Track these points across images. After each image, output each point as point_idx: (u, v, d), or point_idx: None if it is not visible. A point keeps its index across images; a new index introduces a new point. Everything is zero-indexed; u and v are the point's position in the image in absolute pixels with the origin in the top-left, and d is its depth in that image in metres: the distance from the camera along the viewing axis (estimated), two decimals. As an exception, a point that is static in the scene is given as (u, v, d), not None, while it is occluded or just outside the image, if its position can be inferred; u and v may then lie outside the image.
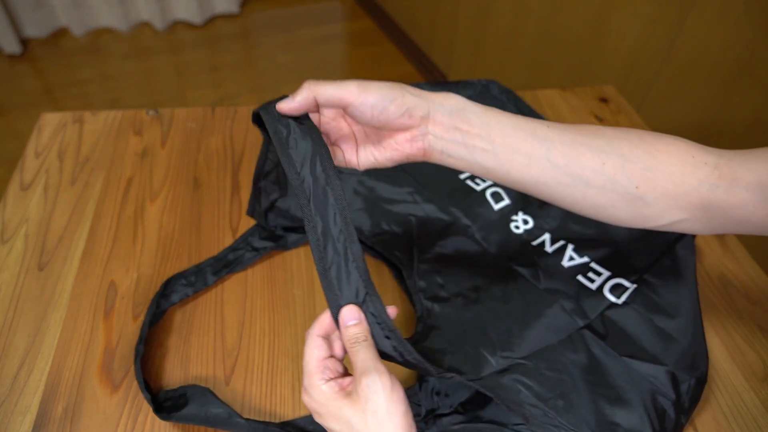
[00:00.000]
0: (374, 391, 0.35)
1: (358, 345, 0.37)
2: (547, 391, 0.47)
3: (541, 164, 0.40)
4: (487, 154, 0.40)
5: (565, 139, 0.40)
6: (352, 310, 0.38)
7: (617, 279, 0.56)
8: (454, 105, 0.40)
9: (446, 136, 0.40)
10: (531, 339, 0.51)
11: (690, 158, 0.39)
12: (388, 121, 0.39)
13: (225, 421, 0.46)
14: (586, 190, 0.40)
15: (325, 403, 0.37)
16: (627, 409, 0.47)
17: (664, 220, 0.41)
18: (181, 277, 0.59)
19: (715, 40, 1.02)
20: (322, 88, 0.39)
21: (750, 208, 0.37)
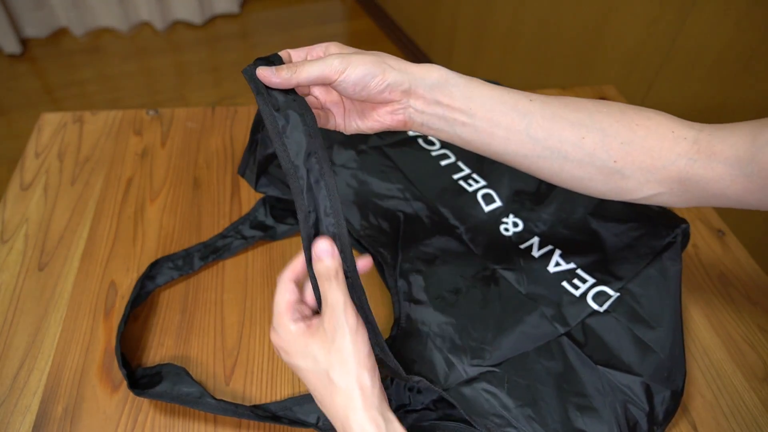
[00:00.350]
0: (342, 332, 0.36)
1: (328, 282, 0.37)
2: (516, 399, 0.48)
3: (521, 138, 0.40)
4: (467, 128, 0.40)
5: (546, 113, 0.40)
6: (325, 243, 0.37)
7: (601, 287, 0.56)
8: (436, 79, 0.40)
9: (427, 110, 0.40)
10: (505, 346, 0.52)
11: (669, 133, 0.39)
12: (370, 96, 0.40)
13: (196, 401, 0.47)
14: (564, 163, 0.41)
15: (292, 340, 0.38)
16: (597, 419, 0.47)
17: (642, 193, 0.41)
18: (168, 260, 0.59)
19: (715, 40, 1.02)
20: (305, 71, 0.39)
21: (726, 182, 0.37)
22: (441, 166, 0.69)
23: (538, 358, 0.51)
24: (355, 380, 0.36)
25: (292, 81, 0.39)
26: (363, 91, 0.39)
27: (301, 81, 0.39)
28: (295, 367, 0.39)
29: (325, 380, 0.37)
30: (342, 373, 0.36)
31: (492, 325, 0.53)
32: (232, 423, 0.49)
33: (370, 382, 0.36)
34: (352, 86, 0.39)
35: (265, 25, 2.49)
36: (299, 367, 0.38)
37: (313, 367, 0.37)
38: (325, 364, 0.37)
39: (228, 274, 0.60)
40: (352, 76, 0.39)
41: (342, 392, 0.36)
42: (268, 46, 2.35)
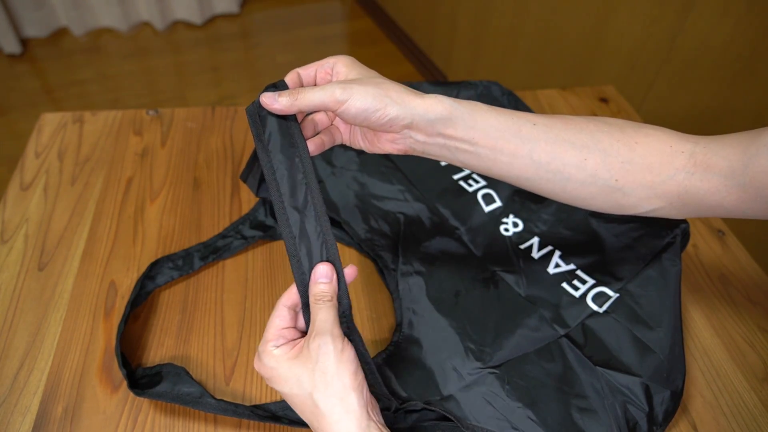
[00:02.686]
0: (324, 352, 0.36)
1: (322, 303, 0.38)
2: (516, 401, 0.48)
3: (524, 162, 0.41)
4: (469, 155, 0.41)
5: (549, 136, 0.41)
6: (326, 268, 0.39)
7: (601, 287, 0.56)
8: (440, 113, 0.40)
9: (428, 140, 0.41)
10: (505, 348, 0.52)
11: (668, 148, 0.40)
12: (371, 127, 0.40)
13: (196, 401, 0.47)
14: (566, 184, 0.41)
15: (276, 366, 0.38)
16: (596, 420, 0.47)
17: (642, 208, 0.42)
18: (168, 260, 0.59)
19: (716, 40, 1.02)
20: (306, 99, 0.39)
21: (722, 194, 0.38)
22: (441, 167, 0.69)
23: (538, 360, 0.51)
24: (341, 404, 0.36)
25: (293, 108, 0.39)
26: (364, 122, 0.40)
27: (302, 108, 0.39)
28: (280, 392, 0.39)
29: (310, 404, 0.36)
30: (327, 396, 0.36)
31: (492, 328, 0.53)
32: (232, 423, 0.49)
33: (357, 403, 0.36)
34: (353, 118, 0.39)
35: (265, 25, 2.49)
36: (284, 393, 0.38)
37: (297, 391, 0.37)
38: (308, 386, 0.36)
39: (228, 274, 0.60)
40: (353, 109, 0.38)
41: (327, 417, 0.36)
42: (268, 46, 2.35)
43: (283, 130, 0.41)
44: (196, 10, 2.38)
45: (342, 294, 0.40)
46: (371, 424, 0.36)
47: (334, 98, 0.38)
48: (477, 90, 0.80)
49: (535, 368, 0.50)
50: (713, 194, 0.38)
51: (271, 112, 0.41)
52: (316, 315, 0.38)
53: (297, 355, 0.38)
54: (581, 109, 0.86)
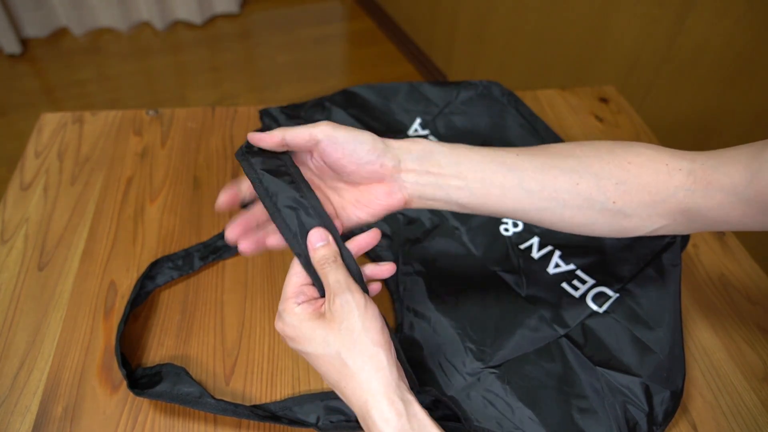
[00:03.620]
0: (348, 310, 0.36)
1: (328, 266, 0.38)
2: (517, 401, 0.48)
3: (516, 193, 0.40)
4: (462, 192, 0.40)
5: (536, 164, 0.41)
6: (318, 232, 0.38)
7: (601, 287, 0.56)
8: (421, 150, 0.40)
9: (420, 180, 0.40)
10: (506, 348, 0.52)
11: (663, 166, 0.39)
12: (359, 165, 0.39)
13: (196, 401, 0.47)
14: (564, 211, 0.41)
15: (298, 325, 0.37)
16: (596, 420, 0.47)
17: (646, 228, 0.41)
18: (168, 260, 0.59)
19: (715, 40, 1.02)
20: (293, 128, 0.39)
21: (726, 209, 0.37)
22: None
23: (538, 360, 0.51)
24: (370, 362, 0.35)
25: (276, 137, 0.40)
26: (352, 155, 0.39)
27: (287, 137, 0.39)
28: (304, 354, 0.37)
29: (337, 364, 0.35)
30: (355, 353, 0.35)
31: (492, 328, 0.53)
32: (232, 423, 0.49)
33: (386, 360, 0.35)
34: (341, 148, 0.39)
35: (265, 25, 2.49)
36: (308, 352, 0.37)
37: (323, 351, 0.36)
38: (336, 346, 0.35)
39: (228, 274, 0.60)
40: (340, 135, 0.38)
41: (357, 375, 0.35)
42: (268, 46, 2.35)
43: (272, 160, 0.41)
44: (196, 10, 2.38)
45: (347, 259, 0.39)
46: (401, 384, 0.35)
47: (320, 128, 0.39)
48: (477, 90, 0.80)
49: (535, 368, 0.50)
50: (717, 210, 0.38)
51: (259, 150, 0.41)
52: (327, 278, 0.37)
53: (320, 315, 0.37)
54: (581, 109, 0.86)
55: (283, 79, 2.17)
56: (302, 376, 0.53)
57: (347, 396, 0.36)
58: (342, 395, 0.37)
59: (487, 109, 0.78)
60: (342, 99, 0.78)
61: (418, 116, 0.76)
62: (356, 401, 0.35)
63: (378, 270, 0.41)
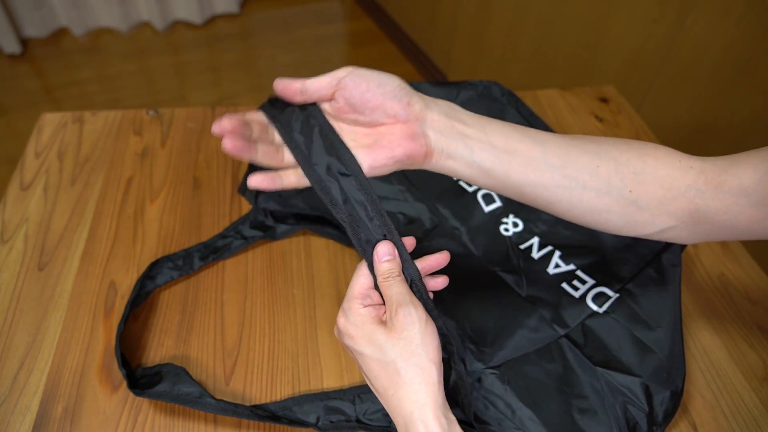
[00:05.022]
0: (411, 322, 0.36)
1: (392, 279, 0.38)
2: (517, 401, 0.48)
3: (539, 165, 0.40)
4: (486, 153, 0.39)
5: (559, 142, 0.41)
6: (386, 246, 0.39)
7: (601, 288, 0.56)
8: (446, 105, 0.40)
9: (446, 132, 0.39)
10: (506, 348, 0.52)
11: (677, 162, 0.40)
12: (385, 99, 0.38)
13: (196, 401, 0.47)
14: (583, 192, 0.40)
15: (361, 325, 0.37)
16: (597, 420, 0.47)
17: (655, 226, 0.41)
18: (168, 260, 0.59)
19: (715, 40, 1.02)
20: (313, 79, 0.39)
21: (734, 212, 0.38)
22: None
23: (538, 360, 0.51)
24: (423, 375, 0.35)
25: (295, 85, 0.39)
26: (378, 88, 0.38)
27: (307, 85, 0.39)
28: (358, 353, 0.38)
29: (391, 371, 0.36)
30: (410, 365, 0.35)
31: (492, 328, 0.53)
32: (232, 423, 0.49)
33: (437, 376, 0.36)
34: (366, 81, 0.38)
35: (265, 25, 2.49)
36: (363, 353, 0.37)
37: (379, 356, 0.36)
38: (393, 353, 0.36)
39: (228, 274, 0.60)
40: (366, 72, 0.38)
41: (408, 386, 0.35)
42: (268, 46, 2.35)
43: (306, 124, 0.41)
44: (196, 10, 2.37)
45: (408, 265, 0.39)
46: (446, 403, 0.36)
47: (342, 69, 0.38)
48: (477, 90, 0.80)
49: (536, 368, 0.50)
50: (725, 213, 0.38)
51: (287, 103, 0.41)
52: (390, 290, 0.38)
53: (382, 322, 0.37)
54: (581, 109, 0.86)
55: (283, 79, 2.17)
56: (302, 376, 0.53)
57: (393, 404, 0.36)
58: (386, 403, 0.37)
59: (487, 109, 0.78)
60: (342, 99, 0.77)
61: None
62: (402, 411, 0.35)
63: (433, 283, 0.42)
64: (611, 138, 0.42)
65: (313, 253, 0.63)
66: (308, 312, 0.58)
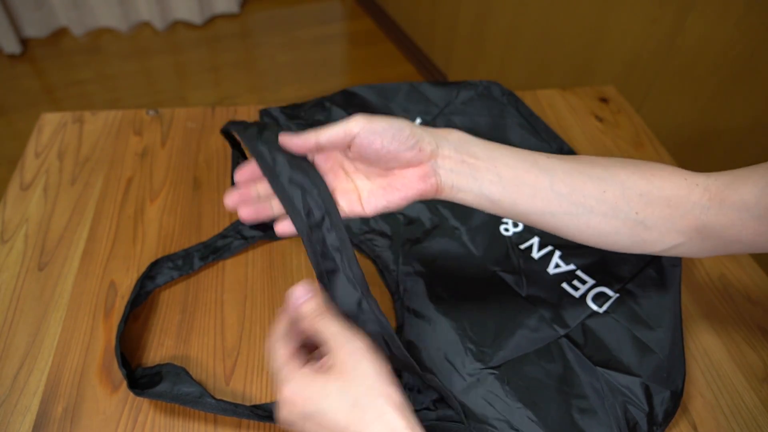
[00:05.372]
0: (359, 358, 0.35)
1: (321, 319, 0.37)
2: (516, 401, 0.48)
3: (547, 194, 0.40)
4: (494, 186, 0.40)
5: (566, 168, 0.41)
6: (302, 287, 0.38)
7: (601, 288, 0.56)
8: (458, 139, 0.41)
9: (456, 168, 0.40)
10: (505, 348, 0.52)
11: (683, 180, 0.41)
12: (398, 152, 0.38)
13: (196, 400, 0.47)
14: (590, 218, 0.41)
15: (309, 384, 0.35)
16: (596, 420, 0.47)
17: (664, 244, 0.42)
18: (168, 260, 0.59)
19: (715, 40, 1.02)
20: (325, 128, 0.39)
21: (738, 227, 0.38)
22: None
23: (538, 360, 0.51)
24: (388, 401, 0.34)
25: (310, 141, 0.39)
26: (392, 143, 0.38)
27: (321, 139, 0.39)
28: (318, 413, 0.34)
29: (358, 412, 0.34)
30: (374, 397, 0.34)
31: (492, 328, 0.53)
32: (232, 423, 0.49)
33: (401, 396, 0.35)
34: (379, 137, 0.38)
35: (265, 25, 2.49)
36: (322, 411, 0.34)
37: (339, 405, 0.34)
38: (353, 393, 0.34)
39: (228, 274, 0.60)
40: (378, 126, 0.38)
41: (381, 418, 0.34)
42: (268, 46, 2.35)
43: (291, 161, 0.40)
44: (196, 10, 2.38)
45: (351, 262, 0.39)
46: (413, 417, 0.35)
47: (355, 121, 0.38)
48: (477, 90, 0.80)
49: (535, 368, 0.50)
50: (730, 228, 0.39)
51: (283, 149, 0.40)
52: (324, 332, 0.37)
53: (327, 370, 0.35)
54: (581, 109, 0.86)
55: (283, 79, 2.17)
56: (302, 376, 0.53)
57: None
58: None
59: (487, 109, 0.78)
60: (342, 99, 0.78)
61: (418, 116, 0.76)
62: None
63: None
64: (619, 160, 0.43)
65: (313, 253, 0.63)
66: (308, 312, 0.57)
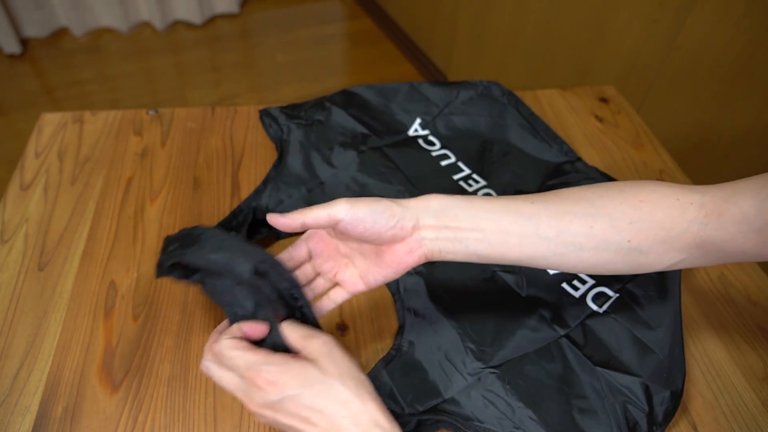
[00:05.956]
0: (331, 347, 0.38)
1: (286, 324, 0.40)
2: (517, 401, 0.48)
3: (533, 241, 0.41)
4: (480, 244, 0.41)
5: (550, 211, 0.41)
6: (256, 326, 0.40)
7: (601, 287, 0.56)
8: (437, 205, 0.41)
9: (439, 236, 0.41)
10: (506, 348, 0.52)
11: (675, 201, 0.40)
12: (380, 233, 0.40)
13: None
14: (580, 254, 0.41)
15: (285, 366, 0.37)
16: (596, 420, 0.47)
17: (664, 264, 0.41)
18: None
19: (715, 40, 1.02)
20: (311, 210, 0.40)
21: (740, 240, 0.38)
22: (441, 167, 0.69)
23: (538, 360, 0.51)
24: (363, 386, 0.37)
25: (297, 221, 0.40)
26: (373, 227, 0.39)
27: (307, 221, 0.40)
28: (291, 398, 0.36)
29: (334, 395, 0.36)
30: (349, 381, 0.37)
31: (492, 328, 0.53)
32: (232, 423, 0.49)
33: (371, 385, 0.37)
34: (361, 222, 0.39)
35: (265, 25, 2.49)
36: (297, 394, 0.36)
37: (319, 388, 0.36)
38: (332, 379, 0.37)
39: (228, 274, 0.60)
40: (360, 212, 0.39)
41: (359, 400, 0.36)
42: (268, 46, 2.35)
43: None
44: (196, 10, 2.38)
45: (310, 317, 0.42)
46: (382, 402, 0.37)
47: (339, 206, 0.39)
48: (477, 90, 0.80)
49: (536, 368, 0.50)
50: (731, 242, 0.38)
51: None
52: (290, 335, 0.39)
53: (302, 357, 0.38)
54: (581, 109, 0.86)
55: (283, 79, 2.17)
56: (302, 376, 0.52)
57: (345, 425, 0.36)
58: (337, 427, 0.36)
59: (487, 109, 0.78)
60: (342, 99, 0.78)
61: (418, 116, 0.76)
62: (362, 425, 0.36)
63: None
64: (607, 188, 0.42)
65: (313, 253, 0.63)
66: (308, 312, 0.57)
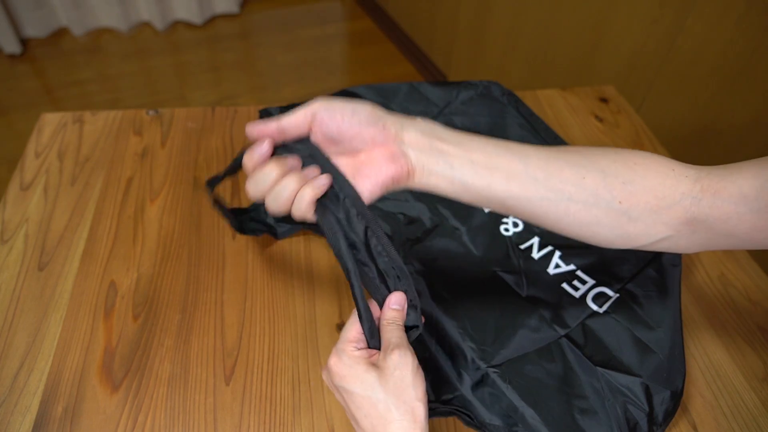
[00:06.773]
0: (404, 363, 0.38)
1: (394, 325, 0.40)
2: (518, 400, 0.48)
3: (522, 179, 0.39)
4: (466, 168, 0.39)
5: (541, 155, 0.40)
6: (399, 297, 0.41)
7: (601, 288, 0.56)
8: (423, 123, 0.40)
9: (425, 150, 0.39)
10: (507, 348, 0.52)
11: (670, 171, 0.39)
12: (360, 126, 0.38)
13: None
14: (569, 205, 0.40)
15: (354, 365, 0.38)
16: (596, 420, 0.47)
17: (650, 237, 0.40)
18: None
19: (715, 40, 1.02)
20: (285, 115, 0.39)
21: (734, 221, 0.36)
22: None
23: (539, 360, 0.51)
24: (411, 413, 0.37)
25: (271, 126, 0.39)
26: (353, 117, 0.38)
27: (282, 122, 0.39)
28: (347, 392, 0.38)
29: (381, 409, 0.37)
30: (400, 403, 0.37)
31: (492, 328, 0.53)
32: (232, 423, 0.49)
33: (424, 415, 0.37)
34: (339, 113, 0.38)
35: (265, 25, 2.49)
36: (354, 392, 0.38)
37: (370, 395, 0.37)
38: (384, 391, 0.37)
39: (228, 274, 0.60)
40: (338, 104, 0.38)
41: (398, 423, 0.36)
42: (268, 46, 2.35)
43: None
44: (196, 10, 2.37)
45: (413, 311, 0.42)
46: None
47: (317, 102, 0.38)
48: (477, 90, 0.80)
49: (536, 368, 0.50)
50: (724, 221, 0.37)
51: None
52: (391, 333, 0.39)
53: (374, 363, 0.39)
54: (581, 109, 0.86)
55: (283, 79, 2.17)
56: (302, 376, 0.53)
57: None
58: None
59: (487, 109, 0.78)
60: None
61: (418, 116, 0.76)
62: None
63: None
64: (600, 148, 0.42)
65: (313, 253, 0.63)
66: (308, 312, 0.58)
